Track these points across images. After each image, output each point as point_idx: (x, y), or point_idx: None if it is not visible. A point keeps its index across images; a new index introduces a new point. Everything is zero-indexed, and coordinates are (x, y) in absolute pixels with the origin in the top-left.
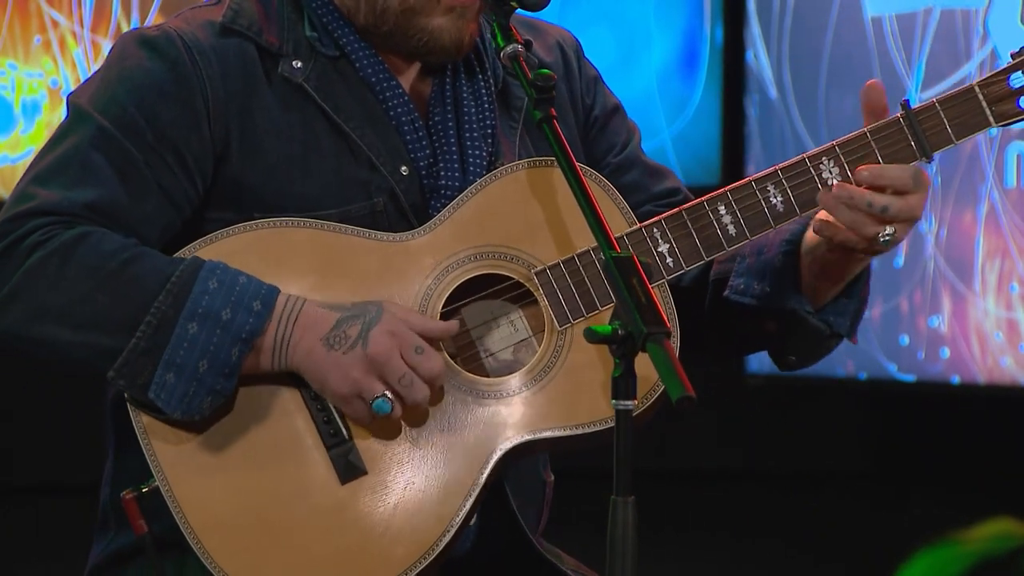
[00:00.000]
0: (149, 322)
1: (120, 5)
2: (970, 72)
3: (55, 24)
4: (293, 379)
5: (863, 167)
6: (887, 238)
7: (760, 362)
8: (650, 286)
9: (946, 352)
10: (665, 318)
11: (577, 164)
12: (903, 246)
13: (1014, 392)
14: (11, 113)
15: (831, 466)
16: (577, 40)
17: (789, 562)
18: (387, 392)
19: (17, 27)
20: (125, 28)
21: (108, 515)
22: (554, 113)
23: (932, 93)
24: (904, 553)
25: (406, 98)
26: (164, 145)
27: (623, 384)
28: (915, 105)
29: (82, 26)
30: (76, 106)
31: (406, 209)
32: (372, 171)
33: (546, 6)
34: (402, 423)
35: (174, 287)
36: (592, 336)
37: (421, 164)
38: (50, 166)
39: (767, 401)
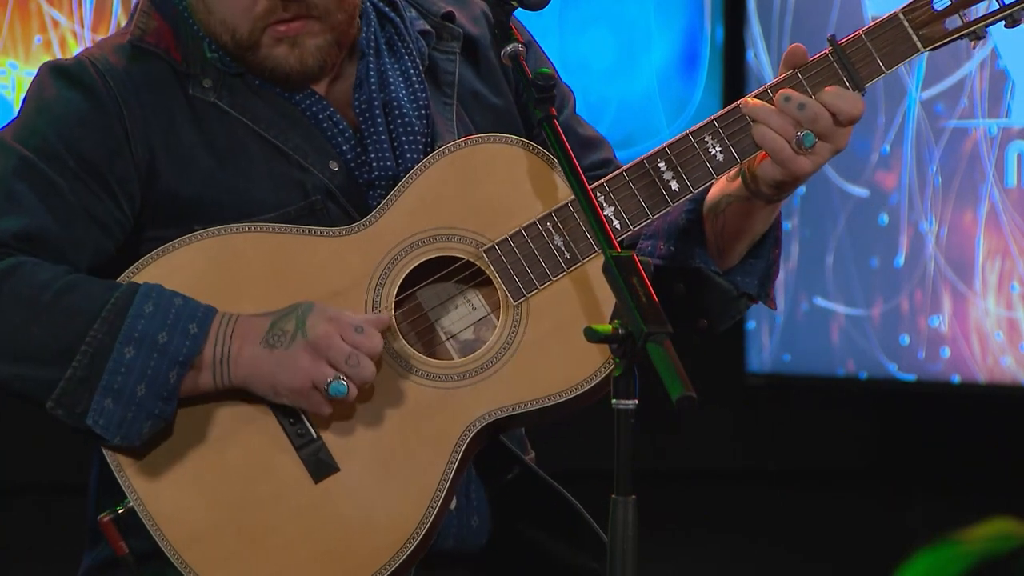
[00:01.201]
0: (85, 351)
1: (120, 5)
2: (970, 71)
3: (55, 24)
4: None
5: (831, 87)
6: (804, 135)
7: (760, 362)
8: (650, 285)
9: (946, 351)
10: (665, 317)
11: (577, 163)
12: (903, 246)
13: (1014, 392)
14: (11, 112)
15: (831, 465)
16: None
17: (789, 562)
18: (338, 375)
19: (18, 27)
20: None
21: (97, 528)
22: (554, 112)
23: (933, 93)
24: (904, 552)
25: (317, 96)
26: (87, 171)
27: (623, 384)
28: (842, 39)
29: (83, 26)
30: None
31: (344, 204)
32: (303, 172)
33: (546, 5)
34: (369, 415)
35: (109, 314)
36: (592, 336)
37: (349, 156)
38: None
39: (767, 401)
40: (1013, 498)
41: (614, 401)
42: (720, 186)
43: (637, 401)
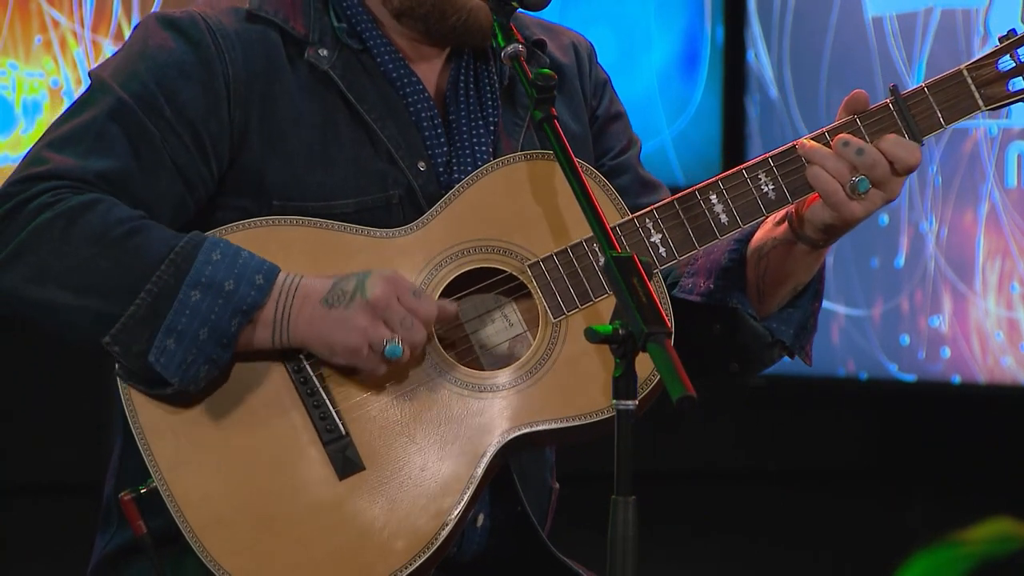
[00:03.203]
0: (150, 290)
1: (121, 5)
2: None
3: (56, 24)
4: (288, 376)
5: (891, 135)
6: (859, 180)
7: None
8: (650, 285)
9: (947, 352)
10: (666, 317)
11: (577, 162)
12: (904, 246)
13: (1015, 392)
14: (12, 113)
15: (831, 466)
16: (591, 44)
17: (789, 562)
18: (394, 337)
19: (18, 27)
20: (126, 28)
21: (111, 509)
22: (555, 112)
23: None
24: (904, 553)
25: (426, 95)
26: (182, 124)
27: (623, 384)
28: (904, 90)
29: (83, 26)
30: (98, 78)
31: (422, 205)
32: (390, 164)
33: (547, 6)
34: (400, 417)
35: (177, 257)
36: (593, 336)
37: (439, 160)
38: (66, 133)
39: (767, 401)
40: (1013, 498)
41: (614, 402)
42: (766, 229)
43: (637, 402)
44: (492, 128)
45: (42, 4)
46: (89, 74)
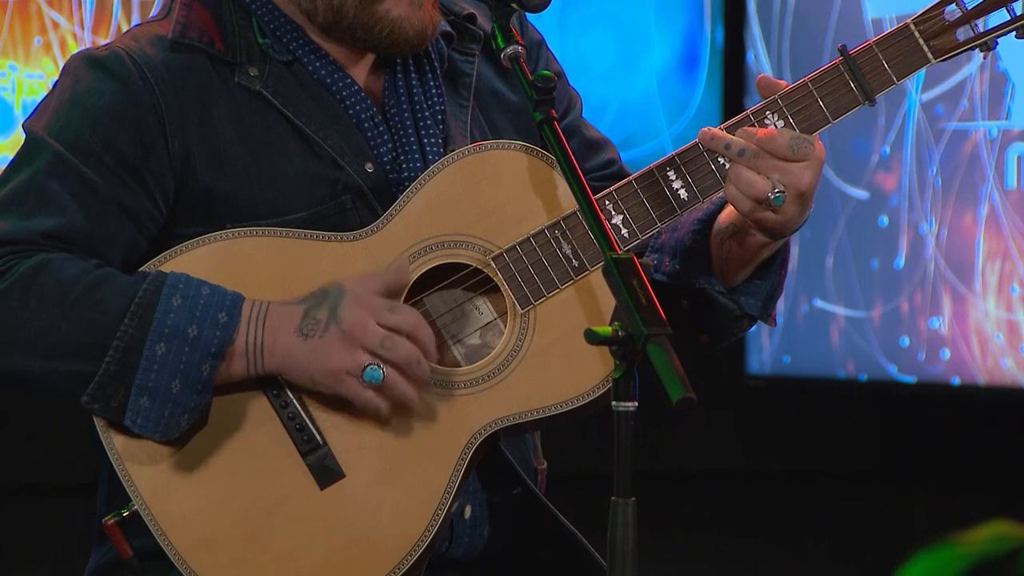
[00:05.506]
0: (116, 346)
1: (120, 6)
2: (971, 73)
3: (55, 25)
4: (261, 390)
5: (746, 129)
6: (778, 195)
7: (760, 362)
8: (650, 286)
9: (946, 353)
10: (665, 319)
11: (576, 164)
12: (903, 247)
13: (1014, 394)
14: (11, 114)
15: (831, 467)
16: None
17: (789, 563)
18: (373, 362)
19: (17, 28)
20: (125, 29)
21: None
22: (554, 114)
23: (933, 95)
24: (904, 554)
25: (363, 95)
26: (121, 166)
27: (623, 386)
28: (852, 49)
29: (83, 28)
30: (32, 133)
31: (374, 206)
32: (337, 170)
33: (546, 7)
34: (376, 421)
35: (138, 308)
36: (592, 338)
37: (385, 160)
38: (7, 196)
39: (767, 401)
40: (1013, 500)
41: (614, 403)
42: (729, 212)
43: (637, 403)
44: (440, 116)
45: (42, 6)
46: (23, 127)
